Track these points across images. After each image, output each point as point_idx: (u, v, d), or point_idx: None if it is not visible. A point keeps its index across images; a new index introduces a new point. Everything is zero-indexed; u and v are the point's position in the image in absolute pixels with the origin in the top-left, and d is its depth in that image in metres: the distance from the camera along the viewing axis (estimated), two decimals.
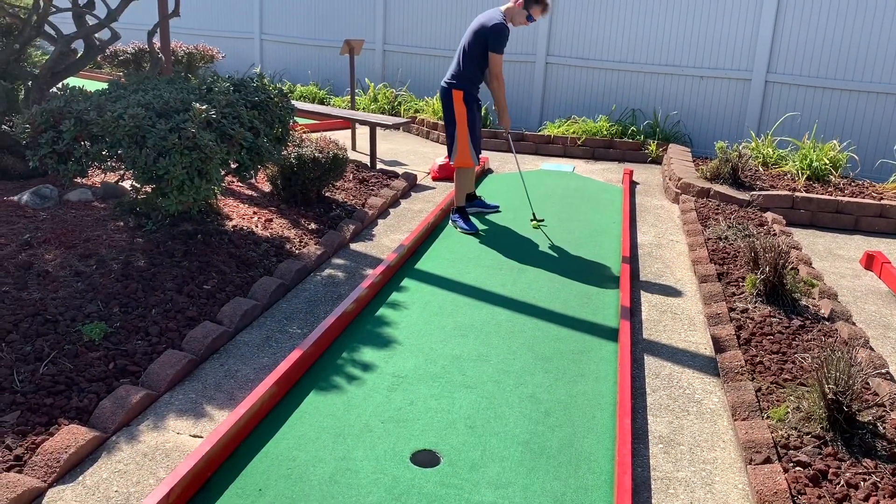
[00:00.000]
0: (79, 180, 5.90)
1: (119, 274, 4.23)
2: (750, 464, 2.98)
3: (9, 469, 2.77)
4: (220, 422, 3.12)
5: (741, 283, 4.75)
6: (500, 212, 6.47)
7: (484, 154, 9.01)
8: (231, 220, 5.39)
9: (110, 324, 3.78)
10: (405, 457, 2.99)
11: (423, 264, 5.18)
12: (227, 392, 3.47)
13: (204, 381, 3.55)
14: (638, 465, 3.05)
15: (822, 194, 6.82)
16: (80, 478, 2.81)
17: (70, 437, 2.92)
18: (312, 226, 5.66)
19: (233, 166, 4.95)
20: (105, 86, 4.95)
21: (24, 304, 3.82)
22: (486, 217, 6.34)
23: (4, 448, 2.87)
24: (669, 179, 7.48)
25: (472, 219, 6.15)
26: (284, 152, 5.67)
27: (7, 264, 4.18)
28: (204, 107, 4.29)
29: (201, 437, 3.10)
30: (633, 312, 4.52)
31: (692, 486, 2.93)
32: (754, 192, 6.77)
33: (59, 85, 4.92)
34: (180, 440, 3.08)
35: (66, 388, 3.28)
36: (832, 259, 5.76)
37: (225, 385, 3.53)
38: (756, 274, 4.56)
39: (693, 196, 6.93)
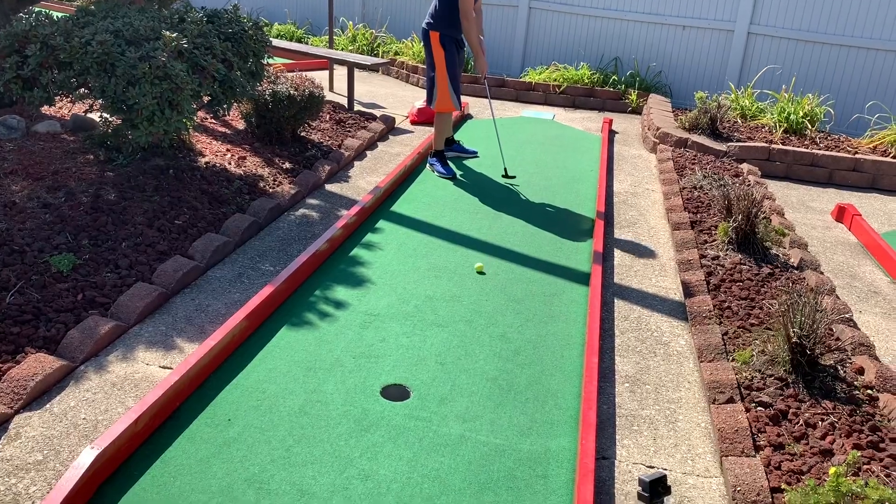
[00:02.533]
0: (47, 111, 5.75)
1: (88, 207, 4.16)
2: (713, 403, 3.05)
3: None
4: (190, 353, 3.11)
5: (714, 232, 4.79)
6: (478, 157, 6.40)
7: (464, 99, 8.91)
8: (204, 156, 5.30)
9: (79, 256, 3.73)
10: (375, 390, 3.02)
11: (399, 207, 5.16)
12: (198, 326, 3.45)
13: (174, 315, 3.53)
14: (604, 403, 3.10)
15: (799, 147, 6.85)
16: (48, 405, 2.80)
17: (37, 365, 2.91)
18: (287, 165, 5.58)
19: (205, 100, 4.85)
20: None
21: None
22: (464, 162, 6.30)
23: None
24: (648, 129, 7.46)
25: (450, 163, 6.10)
26: (259, 88, 5.56)
27: None
28: (174, 35, 4.16)
29: (171, 368, 3.09)
30: (605, 257, 4.55)
31: (656, 424, 2.99)
32: (731, 144, 6.78)
33: (25, 11, 4.75)
34: (149, 371, 3.08)
35: (33, 317, 3.25)
36: (805, 210, 5.82)
37: (196, 319, 3.51)
38: (729, 222, 4.59)
39: (671, 146, 6.93)
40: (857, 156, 6.64)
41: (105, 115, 4.49)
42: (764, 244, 4.52)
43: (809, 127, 7.35)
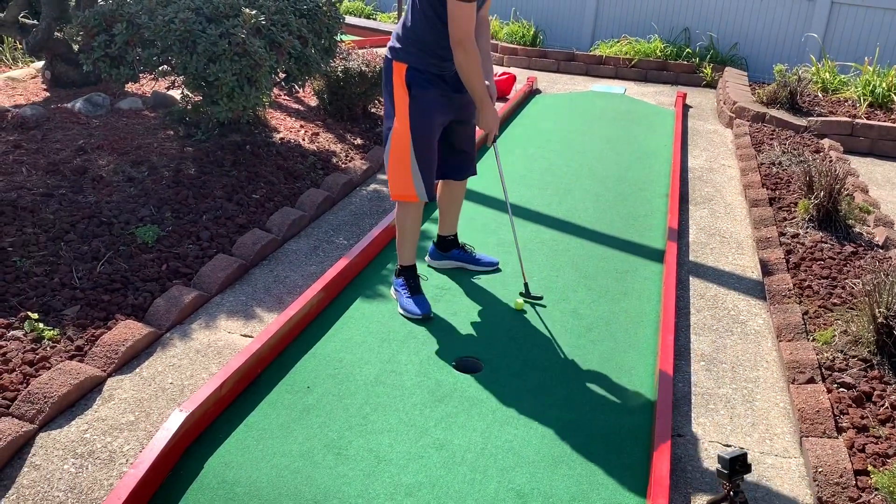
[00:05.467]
0: (130, 88, 5.95)
1: (170, 181, 4.31)
2: (793, 383, 2.98)
3: (71, 358, 2.90)
4: (270, 323, 3.21)
5: (793, 209, 4.65)
6: (499, 270, 3.89)
7: (532, 73, 8.82)
8: (278, 132, 5.41)
9: (162, 228, 3.87)
10: (448, 362, 3.06)
11: (469, 182, 5.15)
12: (276, 296, 3.55)
13: (254, 285, 3.64)
14: (679, 381, 3.07)
15: (884, 121, 6.56)
16: (137, 369, 2.94)
17: (127, 331, 3.04)
18: (358, 141, 5.65)
19: (281, 76, 4.94)
20: None
21: (80, 206, 3.92)
22: (537, 137, 6.23)
23: (66, 339, 3.00)
24: (724, 103, 7.25)
25: (423, 293, 3.49)
26: (332, 64, 5.63)
27: (63, 168, 4.28)
28: (253, 12, 4.25)
29: (251, 336, 3.20)
30: (680, 235, 4.47)
31: (733, 403, 2.94)
32: (812, 118, 6.54)
33: None
34: (231, 339, 3.19)
35: (121, 286, 3.40)
36: (891, 187, 5.58)
37: (274, 289, 3.61)
38: (809, 199, 4.44)
39: (748, 121, 6.72)
40: None
41: (187, 91, 4.62)
42: (847, 222, 4.36)
43: None
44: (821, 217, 4.37)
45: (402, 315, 3.40)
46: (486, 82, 3.26)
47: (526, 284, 3.63)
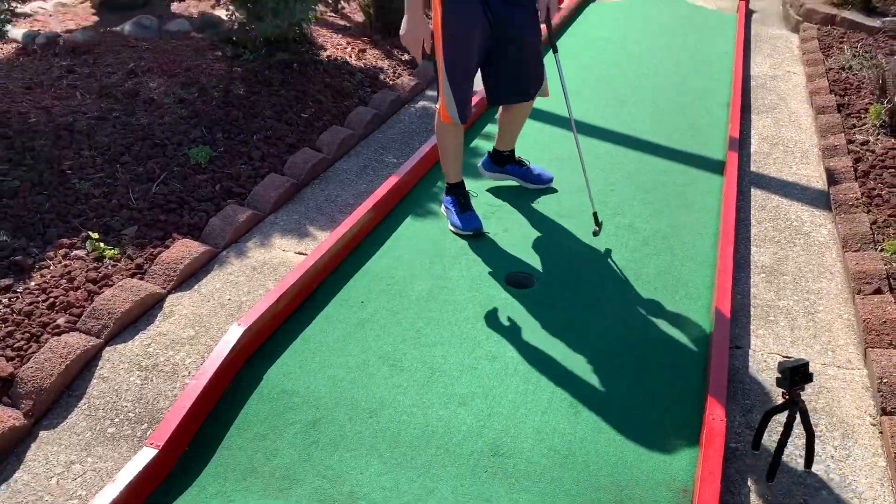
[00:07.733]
0: (177, 10, 5.91)
1: (220, 101, 4.30)
2: (858, 294, 2.88)
3: (132, 276, 2.98)
4: (323, 240, 3.23)
5: (863, 115, 4.40)
6: (555, 190, 3.76)
7: None
8: (325, 50, 5.32)
9: (214, 148, 3.89)
10: (500, 278, 3.04)
11: None
12: (328, 215, 3.56)
13: (306, 204, 3.65)
14: (738, 293, 2.99)
15: None
16: (196, 286, 3.00)
17: (185, 249, 3.10)
18: (405, 57, 5.53)
19: None
20: None
21: (134, 128, 3.96)
22: (592, 47, 5.99)
23: (126, 258, 3.08)
24: (790, 6, 6.84)
25: (473, 208, 3.41)
26: None
27: (115, 92, 4.31)
28: None
29: (305, 254, 3.22)
30: (741, 145, 4.29)
31: (793, 315, 2.87)
32: (887, 19, 6.12)
33: None
34: (286, 256, 3.22)
35: (177, 206, 3.45)
36: None
37: (326, 208, 3.62)
38: (882, 104, 4.20)
39: (816, 24, 6.34)
40: None
41: (232, 8, 4.55)
42: None
43: None
44: (893, 123, 4.13)
45: (452, 232, 3.38)
46: None
47: (595, 214, 3.27)
